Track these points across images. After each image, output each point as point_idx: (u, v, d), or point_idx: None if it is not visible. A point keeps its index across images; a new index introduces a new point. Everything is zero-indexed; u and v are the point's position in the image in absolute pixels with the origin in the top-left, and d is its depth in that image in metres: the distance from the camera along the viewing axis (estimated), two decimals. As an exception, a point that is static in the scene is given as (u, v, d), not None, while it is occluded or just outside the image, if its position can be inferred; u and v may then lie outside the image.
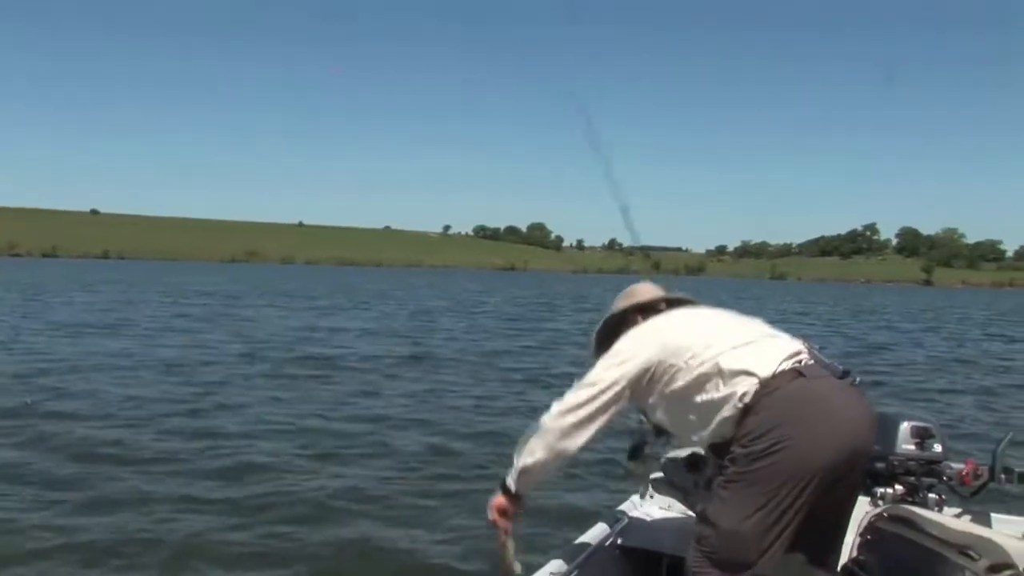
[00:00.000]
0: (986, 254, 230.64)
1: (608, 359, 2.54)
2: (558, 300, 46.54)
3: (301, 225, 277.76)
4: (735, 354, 2.32)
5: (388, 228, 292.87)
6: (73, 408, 9.38)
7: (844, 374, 2.32)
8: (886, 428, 2.94)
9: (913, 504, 2.75)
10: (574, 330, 22.84)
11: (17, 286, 39.89)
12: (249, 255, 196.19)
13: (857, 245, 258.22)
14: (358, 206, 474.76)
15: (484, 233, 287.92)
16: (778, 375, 2.25)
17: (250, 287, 50.77)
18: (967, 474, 2.92)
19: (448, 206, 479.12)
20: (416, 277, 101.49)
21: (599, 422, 2.51)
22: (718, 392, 2.29)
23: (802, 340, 2.42)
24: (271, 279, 70.55)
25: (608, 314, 2.82)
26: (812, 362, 2.31)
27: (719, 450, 2.34)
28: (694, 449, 3.08)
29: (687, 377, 2.37)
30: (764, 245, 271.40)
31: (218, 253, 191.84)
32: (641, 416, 2.75)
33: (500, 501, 2.63)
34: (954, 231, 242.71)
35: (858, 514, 2.60)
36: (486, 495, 5.72)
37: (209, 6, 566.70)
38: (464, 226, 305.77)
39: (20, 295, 31.97)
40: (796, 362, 2.30)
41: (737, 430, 2.26)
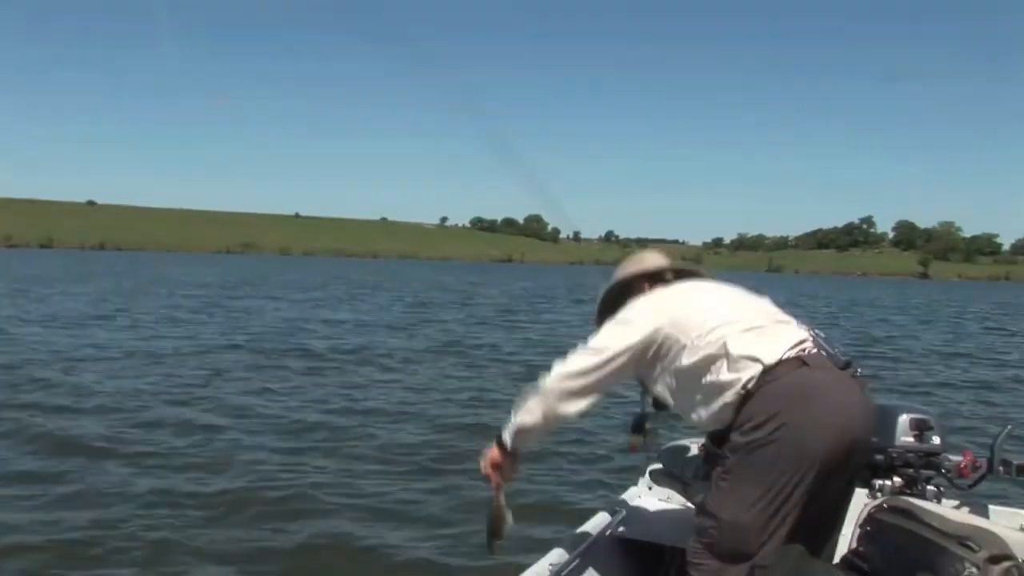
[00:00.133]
0: (982, 248, 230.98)
1: (615, 326, 2.50)
2: (553, 291, 46.49)
3: (298, 216, 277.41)
4: (743, 338, 2.30)
5: (385, 219, 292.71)
6: (56, 400, 9.22)
7: (846, 365, 2.31)
8: (885, 420, 2.94)
9: (912, 496, 2.75)
10: (575, 320, 22.84)
11: (11, 277, 39.79)
12: (245, 246, 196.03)
13: (854, 238, 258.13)
14: (355, 197, 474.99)
15: (481, 225, 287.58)
16: (782, 363, 2.24)
17: (245, 278, 50.65)
18: (965, 466, 2.93)
19: (445, 197, 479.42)
20: (412, 268, 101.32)
21: (601, 389, 2.50)
22: (723, 376, 2.27)
23: (808, 328, 2.41)
24: (267, 270, 70.41)
25: (614, 280, 2.78)
26: (816, 350, 2.30)
27: (718, 439, 2.33)
28: (693, 440, 3.10)
29: (693, 356, 2.34)
30: (761, 238, 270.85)
31: (214, 244, 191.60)
32: (640, 388, 2.72)
33: (494, 455, 2.61)
34: (951, 225, 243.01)
35: (857, 506, 2.59)
36: (475, 491, 5.67)
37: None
38: (461, 218, 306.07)
39: (13, 286, 31.83)
40: (801, 350, 2.28)
41: (737, 416, 2.24)
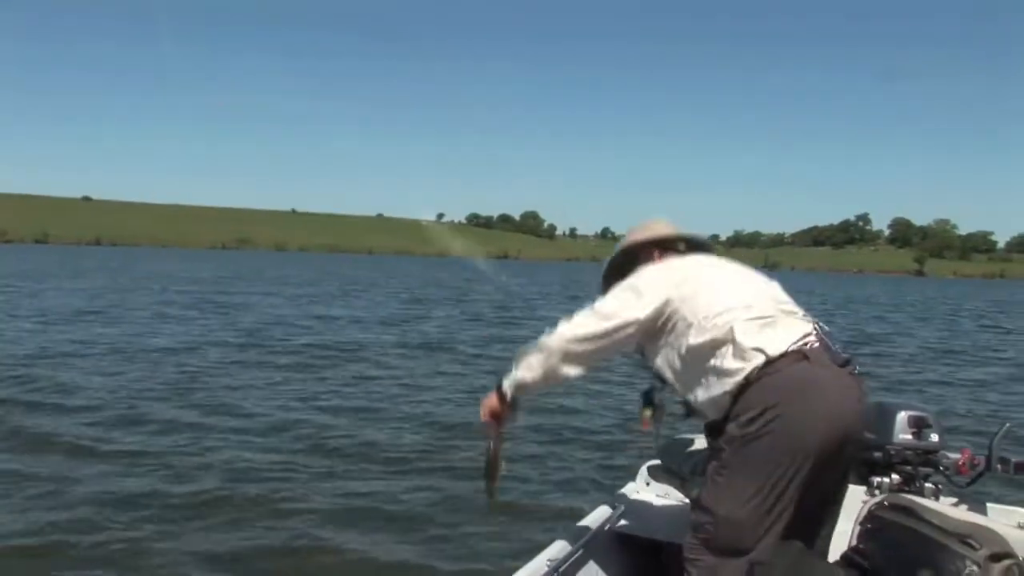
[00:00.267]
0: (978, 245, 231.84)
1: (625, 293, 2.46)
2: (549, 288, 46.43)
3: (293, 212, 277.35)
4: (750, 327, 2.28)
5: (381, 215, 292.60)
6: (36, 396, 9.07)
7: (846, 362, 2.31)
8: (883, 417, 2.94)
9: (910, 493, 2.75)
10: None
11: (3, 272, 39.64)
12: (241, 242, 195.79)
13: (850, 235, 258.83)
14: (351, 193, 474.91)
15: (477, 221, 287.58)
16: (785, 355, 2.23)
17: (239, 274, 50.54)
18: (963, 464, 2.92)
19: (441, 194, 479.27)
20: (408, 264, 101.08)
21: (605, 355, 2.49)
22: (726, 363, 2.26)
23: (813, 321, 2.39)
24: (262, 266, 70.20)
25: (623, 245, 2.74)
26: (818, 345, 2.29)
27: (715, 430, 2.33)
28: (691, 436, 3.09)
29: (698, 337, 2.32)
30: (757, 235, 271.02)
31: (210, 240, 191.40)
32: (639, 356, 2.66)
33: (493, 402, 2.57)
34: (946, 222, 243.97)
35: (856, 503, 2.59)
36: (465, 495, 5.58)
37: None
38: (457, 214, 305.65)
39: (4, 282, 31.64)
40: (804, 344, 2.27)
41: (734, 405, 2.24)
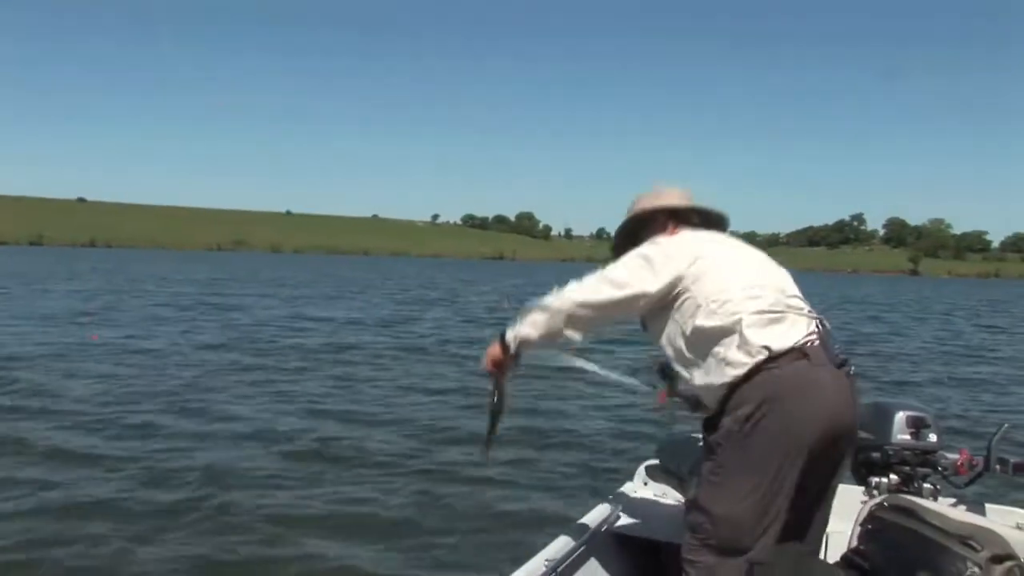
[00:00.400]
0: (972, 245, 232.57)
1: (639, 261, 2.41)
2: (544, 289, 46.33)
3: (289, 213, 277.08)
4: (758, 320, 2.25)
5: (376, 217, 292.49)
6: (19, 401, 8.86)
7: (843, 363, 2.30)
8: (881, 417, 2.93)
9: (908, 493, 2.74)
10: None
11: None
12: (236, 243, 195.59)
13: (845, 235, 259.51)
14: (346, 194, 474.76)
15: (472, 222, 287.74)
16: (787, 353, 2.22)
17: (235, 276, 50.45)
18: (962, 464, 2.92)
19: (436, 195, 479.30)
20: (403, 266, 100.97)
21: (608, 323, 2.48)
22: (730, 354, 2.24)
23: (817, 318, 2.37)
24: (257, 267, 70.07)
25: (635, 211, 2.69)
26: (818, 344, 2.28)
27: (710, 425, 2.31)
28: (689, 435, 3.07)
29: (705, 321, 2.30)
30: (752, 235, 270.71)
31: (205, 241, 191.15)
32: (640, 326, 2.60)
33: (496, 352, 2.55)
34: (941, 222, 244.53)
35: (855, 504, 2.59)
36: (459, 499, 5.45)
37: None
38: (452, 215, 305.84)
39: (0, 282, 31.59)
40: (805, 342, 2.26)
41: (731, 397, 2.23)
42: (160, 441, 7.42)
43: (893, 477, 2.90)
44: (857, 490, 2.96)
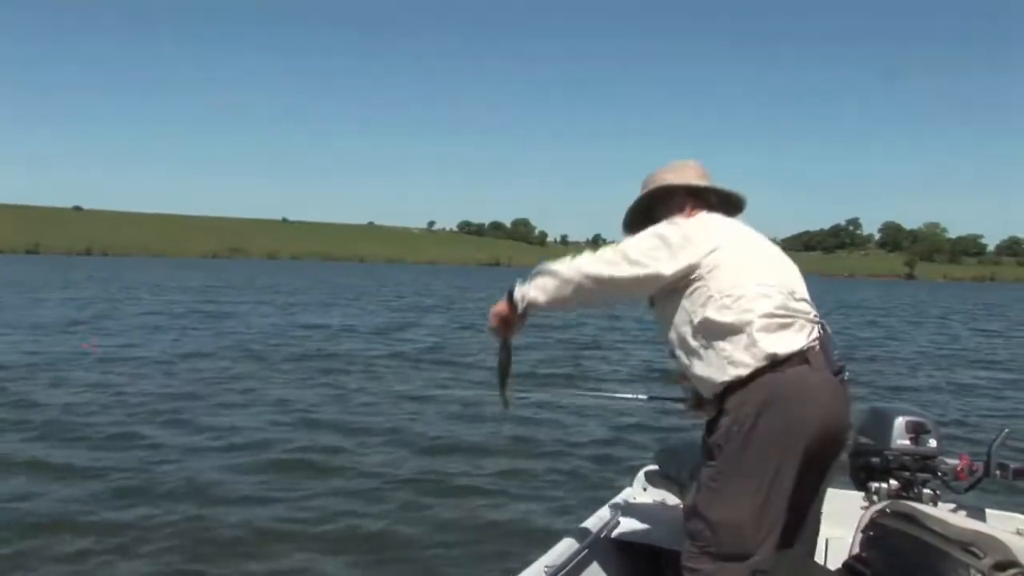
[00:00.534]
0: (968, 248, 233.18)
1: (656, 242, 2.35)
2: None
3: (285, 221, 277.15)
4: (767, 325, 2.23)
5: (372, 224, 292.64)
6: (2, 414, 8.70)
7: (839, 370, 2.32)
8: (881, 422, 2.92)
9: (908, 499, 2.73)
10: (555, 322, 22.75)
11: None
12: (233, 251, 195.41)
13: (840, 240, 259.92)
14: (342, 202, 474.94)
15: (468, 229, 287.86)
16: (790, 357, 2.22)
17: (230, 283, 50.39)
18: (962, 469, 2.91)
19: (432, 201, 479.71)
20: (399, 273, 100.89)
21: (616, 299, 2.47)
22: (735, 353, 2.23)
23: (820, 322, 2.36)
24: (253, 275, 69.98)
25: (654, 185, 2.61)
26: (819, 349, 2.28)
27: (709, 426, 2.31)
28: (688, 441, 3.06)
29: (714, 314, 2.27)
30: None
31: (202, 249, 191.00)
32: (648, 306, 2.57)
33: (503, 308, 2.48)
34: (936, 226, 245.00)
35: (855, 510, 2.58)
36: (455, 511, 5.33)
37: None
38: (448, 222, 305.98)
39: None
40: (809, 347, 2.26)
41: (730, 398, 2.23)
42: (142, 452, 7.28)
43: (893, 482, 2.90)
44: (857, 496, 2.95)
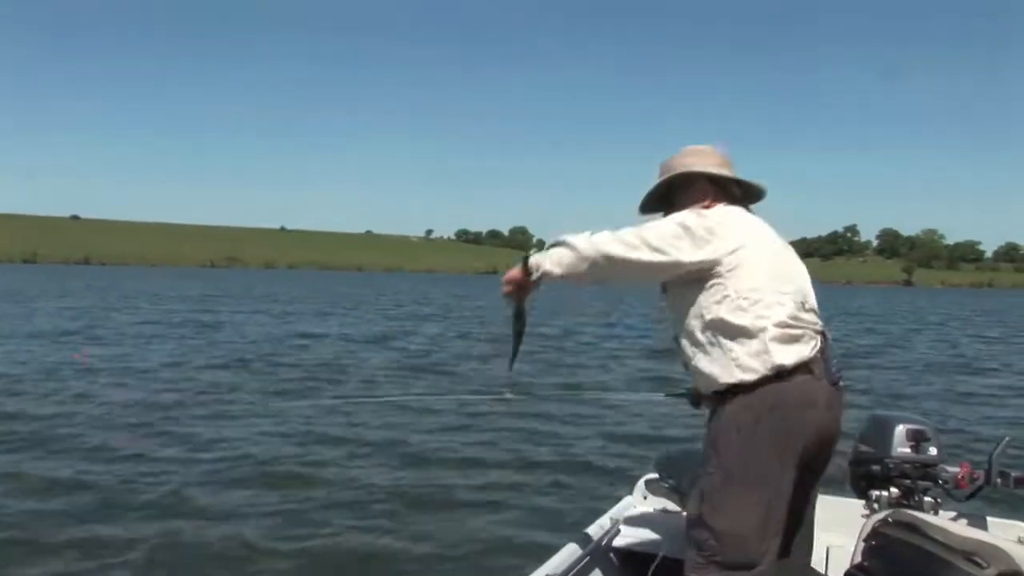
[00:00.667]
0: (965, 255, 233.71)
1: (679, 231, 2.31)
2: (535, 303, 46.28)
3: (283, 230, 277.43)
4: (781, 336, 2.23)
5: (369, 232, 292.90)
6: None
7: (837, 380, 2.33)
8: (881, 431, 2.92)
9: (909, 507, 2.72)
10: (552, 331, 22.74)
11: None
12: (230, 260, 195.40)
13: (838, 246, 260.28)
14: (340, 210, 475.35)
15: (466, 237, 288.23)
16: (795, 367, 2.22)
17: (227, 292, 50.32)
18: (963, 477, 2.91)
19: (430, 210, 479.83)
20: (397, 281, 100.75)
21: (630, 282, 2.45)
22: (743, 357, 2.23)
23: (824, 329, 2.36)
24: (250, 284, 69.88)
25: (676, 170, 2.54)
26: (821, 360, 2.29)
27: (710, 430, 2.32)
28: (689, 450, 3.05)
29: (728, 315, 2.26)
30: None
31: (199, 258, 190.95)
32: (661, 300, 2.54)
33: (517, 275, 2.45)
34: (934, 232, 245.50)
35: (857, 518, 2.57)
36: (446, 527, 5.33)
37: (199, 6, 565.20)
38: (446, 230, 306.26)
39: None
40: (812, 357, 2.27)
41: (731, 401, 2.23)
42: (126, 464, 7.12)
43: (893, 490, 2.89)
44: (857, 504, 2.94)
